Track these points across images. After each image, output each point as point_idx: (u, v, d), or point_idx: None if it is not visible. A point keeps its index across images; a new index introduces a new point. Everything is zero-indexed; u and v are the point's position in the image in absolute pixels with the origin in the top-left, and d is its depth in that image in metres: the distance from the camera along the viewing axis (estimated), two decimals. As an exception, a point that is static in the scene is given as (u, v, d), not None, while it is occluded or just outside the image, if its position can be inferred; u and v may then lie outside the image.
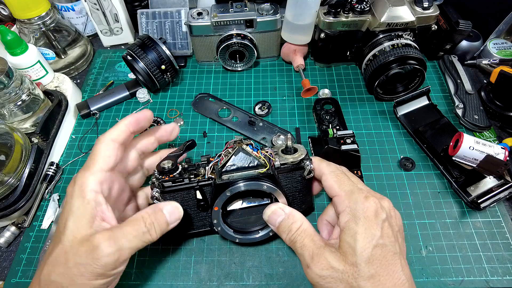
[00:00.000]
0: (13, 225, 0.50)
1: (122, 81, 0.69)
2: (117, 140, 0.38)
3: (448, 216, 0.50)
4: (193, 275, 0.46)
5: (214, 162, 0.40)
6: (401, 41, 0.57)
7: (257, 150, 0.40)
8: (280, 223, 0.37)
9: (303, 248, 0.35)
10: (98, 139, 0.38)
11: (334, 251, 0.33)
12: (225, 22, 0.62)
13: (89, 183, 0.35)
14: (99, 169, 0.36)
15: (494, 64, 0.65)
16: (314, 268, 0.33)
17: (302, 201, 0.45)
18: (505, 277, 0.44)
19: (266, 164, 0.39)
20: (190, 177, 0.40)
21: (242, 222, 0.44)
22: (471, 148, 0.47)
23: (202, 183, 0.40)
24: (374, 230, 0.33)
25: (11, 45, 0.56)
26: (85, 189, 0.34)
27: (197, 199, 0.41)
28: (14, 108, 0.54)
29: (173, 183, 0.39)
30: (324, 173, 0.39)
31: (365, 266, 0.31)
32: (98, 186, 0.35)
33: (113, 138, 0.38)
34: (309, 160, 0.41)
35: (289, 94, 0.66)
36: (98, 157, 0.37)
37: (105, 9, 0.69)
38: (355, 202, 0.35)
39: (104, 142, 0.37)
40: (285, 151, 0.42)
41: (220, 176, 0.39)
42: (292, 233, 0.36)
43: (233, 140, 0.42)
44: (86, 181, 0.35)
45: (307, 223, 0.37)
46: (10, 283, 0.46)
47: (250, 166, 0.39)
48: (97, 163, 0.36)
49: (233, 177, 0.38)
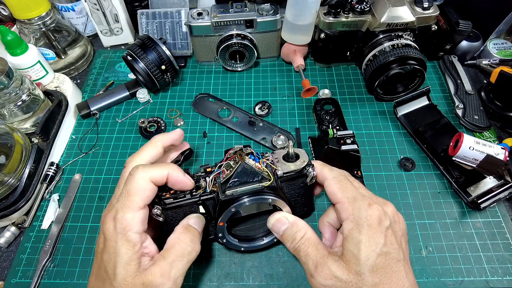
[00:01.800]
0: (13, 225, 0.50)
1: (122, 81, 0.69)
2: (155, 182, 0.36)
3: (448, 216, 0.50)
4: (193, 275, 0.46)
5: (215, 174, 0.39)
6: (401, 41, 0.57)
7: (259, 159, 0.39)
8: (284, 231, 0.38)
9: (307, 257, 0.35)
10: (136, 172, 0.35)
11: (338, 259, 0.33)
12: (225, 23, 0.62)
13: (133, 225, 0.33)
14: (138, 208, 0.34)
15: (494, 64, 0.65)
16: (317, 277, 0.33)
17: (304, 205, 0.45)
18: (505, 277, 0.44)
19: (270, 177, 0.38)
20: (192, 191, 0.39)
21: (246, 229, 0.43)
22: (471, 148, 0.47)
23: (205, 197, 0.39)
24: (378, 238, 0.32)
25: (11, 45, 0.56)
26: (129, 232, 0.33)
27: (200, 214, 0.40)
28: (14, 108, 0.54)
29: (174, 200, 0.38)
30: (326, 178, 0.39)
31: (369, 275, 0.31)
32: (142, 227, 0.34)
33: (153, 178, 0.35)
34: (311, 166, 0.40)
35: (289, 94, 0.66)
36: (137, 196, 0.34)
37: (105, 9, 0.69)
38: (359, 210, 0.34)
39: (143, 179, 0.35)
40: (286, 158, 0.41)
41: (223, 192, 0.38)
42: (296, 242, 0.36)
43: (233, 150, 0.40)
44: (129, 224, 0.33)
45: (311, 231, 0.37)
46: (10, 283, 0.46)
47: (253, 180, 0.38)
48: (136, 202, 0.34)
49: (237, 192, 0.37)
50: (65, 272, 0.47)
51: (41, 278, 0.46)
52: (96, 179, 0.55)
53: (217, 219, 0.38)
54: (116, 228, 0.33)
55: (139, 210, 0.34)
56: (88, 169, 0.57)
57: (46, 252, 0.48)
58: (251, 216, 0.42)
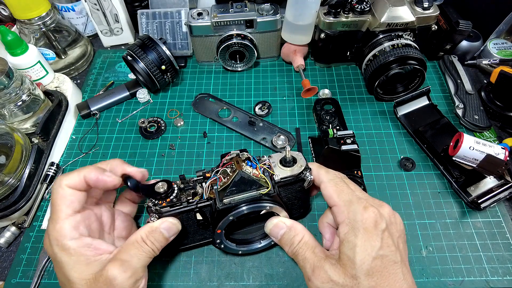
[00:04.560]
0: (13, 225, 0.50)
1: (122, 81, 0.69)
2: (72, 187, 0.36)
3: (448, 216, 0.50)
4: (193, 275, 0.46)
5: (211, 181, 0.39)
6: (401, 41, 0.57)
7: (256, 165, 0.39)
8: (282, 236, 0.38)
9: (304, 261, 0.35)
10: (55, 183, 0.36)
11: (335, 263, 0.34)
12: (225, 23, 0.62)
13: (65, 234, 0.34)
14: (66, 216, 0.35)
15: (494, 64, 0.65)
16: (314, 281, 0.34)
17: (300, 206, 0.45)
18: (505, 277, 0.44)
19: (268, 184, 0.38)
20: (188, 198, 0.38)
21: (244, 233, 0.43)
22: (471, 148, 0.47)
23: (202, 204, 0.38)
24: (374, 241, 0.33)
25: (12, 45, 0.56)
26: (63, 241, 0.34)
27: (197, 220, 0.40)
28: (14, 109, 0.54)
29: (171, 208, 0.38)
30: (322, 181, 0.39)
31: (364, 278, 0.31)
32: (75, 232, 0.34)
33: (68, 184, 0.36)
34: (309, 170, 0.40)
35: (289, 94, 0.66)
36: (61, 205, 0.35)
37: (105, 9, 0.69)
38: (354, 213, 0.34)
39: (60, 187, 0.35)
40: (283, 162, 0.40)
41: (221, 200, 0.37)
42: (294, 246, 0.37)
43: (229, 156, 0.40)
44: (60, 233, 0.34)
45: (308, 234, 0.37)
46: (11, 283, 0.46)
47: (251, 188, 0.38)
48: (62, 211, 0.35)
49: (234, 201, 0.37)
50: (65, 272, 0.47)
51: (41, 278, 0.46)
52: (96, 179, 0.55)
53: (215, 226, 0.38)
54: (50, 241, 0.34)
55: (68, 218, 0.35)
56: (88, 169, 0.57)
57: (46, 252, 0.48)
58: (248, 220, 0.42)
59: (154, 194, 0.37)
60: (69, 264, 0.33)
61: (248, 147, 0.58)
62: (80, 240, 0.34)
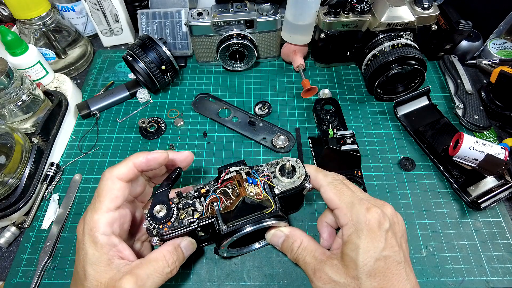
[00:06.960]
0: (14, 225, 0.50)
1: (122, 82, 0.69)
2: (123, 178, 0.36)
3: (448, 216, 0.50)
4: (193, 275, 0.46)
5: (211, 199, 0.38)
6: (401, 41, 0.57)
7: (257, 180, 0.38)
8: (281, 244, 0.39)
9: (305, 265, 0.36)
10: (104, 175, 0.36)
11: (336, 263, 0.34)
12: (225, 23, 0.62)
13: (99, 227, 0.34)
14: (107, 209, 0.35)
15: (494, 64, 0.65)
16: (316, 282, 0.34)
17: (295, 206, 0.46)
18: (505, 277, 0.44)
19: (271, 204, 0.37)
20: (189, 219, 0.37)
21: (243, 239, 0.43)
22: (471, 148, 0.47)
23: (203, 223, 0.38)
24: (377, 242, 0.33)
25: (12, 45, 0.56)
26: (96, 233, 0.34)
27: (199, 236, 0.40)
28: (14, 109, 0.54)
29: (173, 231, 0.37)
30: (321, 185, 0.38)
31: (366, 279, 0.31)
32: (109, 228, 0.34)
33: (119, 176, 0.36)
34: (308, 178, 0.39)
35: (289, 94, 0.66)
36: (105, 197, 0.35)
37: (105, 9, 0.69)
38: (357, 215, 0.34)
39: (110, 179, 0.36)
40: (282, 172, 0.40)
41: (225, 223, 0.37)
42: (294, 252, 0.37)
43: (227, 172, 0.39)
44: (96, 225, 0.34)
45: (307, 239, 0.37)
46: (11, 284, 0.46)
47: (255, 211, 0.37)
48: (104, 204, 0.35)
49: (238, 223, 0.37)
50: (65, 272, 0.47)
51: (41, 278, 0.46)
52: (96, 179, 0.55)
53: (219, 244, 0.38)
54: (84, 229, 0.34)
55: (108, 212, 0.35)
56: (88, 169, 0.57)
57: (46, 252, 0.48)
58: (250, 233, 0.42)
59: (155, 219, 0.36)
60: (91, 258, 0.33)
61: (248, 147, 0.58)
62: (109, 237, 0.34)
